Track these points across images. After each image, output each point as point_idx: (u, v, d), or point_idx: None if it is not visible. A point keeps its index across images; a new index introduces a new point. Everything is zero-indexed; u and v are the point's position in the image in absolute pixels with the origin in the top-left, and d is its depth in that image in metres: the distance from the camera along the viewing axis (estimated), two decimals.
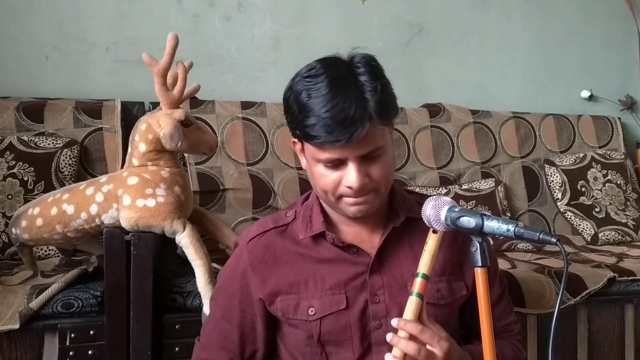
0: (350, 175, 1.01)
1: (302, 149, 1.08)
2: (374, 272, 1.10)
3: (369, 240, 1.13)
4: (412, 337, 0.97)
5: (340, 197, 1.05)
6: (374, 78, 1.01)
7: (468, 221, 0.95)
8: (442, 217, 0.99)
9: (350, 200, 1.05)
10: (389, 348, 1.08)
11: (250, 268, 1.13)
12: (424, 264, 1.01)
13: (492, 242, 2.27)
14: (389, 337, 0.98)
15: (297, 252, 1.13)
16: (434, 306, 1.11)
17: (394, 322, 0.98)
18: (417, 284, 1.00)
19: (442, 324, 1.08)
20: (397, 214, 1.14)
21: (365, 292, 1.10)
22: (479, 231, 0.95)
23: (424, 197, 1.19)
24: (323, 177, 1.04)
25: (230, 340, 1.16)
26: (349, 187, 1.03)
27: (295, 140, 1.09)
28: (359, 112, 0.97)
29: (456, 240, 1.15)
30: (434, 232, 1.02)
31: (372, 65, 1.04)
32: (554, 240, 0.89)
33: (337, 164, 1.02)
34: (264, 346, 1.17)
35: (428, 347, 0.97)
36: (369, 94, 0.99)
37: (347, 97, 0.97)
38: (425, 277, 1.00)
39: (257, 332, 1.16)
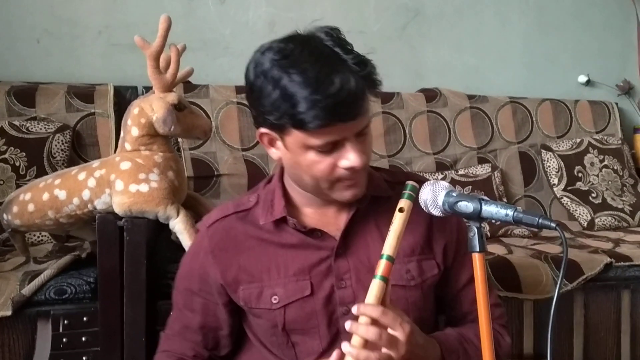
0: (351, 155, 0.96)
1: (281, 139, 0.99)
2: (340, 256, 1.06)
3: (335, 223, 1.08)
4: (373, 322, 0.90)
5: (335, 182, 1.00)
6: (351, 50, 0.96)
7: (466, 206, 0.94)
8: (440, 202, 0.97)
9: (347, 182, 1.00)
10: None
11: (211, 255, 1.09)
12: (389, 245, 0.94)
13: (488, 228, 2.30)
14: (348, 324, 0.90)
15: (258, 238, 1.08)
16: (403, 288, 1.06)
17: (354, 308, 0.91)
18: (382, 266, 0.93)
19: (413, 307, 1.05)
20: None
21: (331, 277, 1.05)
22: (477, 216, 0.93)
23: (393, 175, 1.17)
24: (316, 164, 0.97)
25: (192, 330, 1.13)
26: (349, 169, 0.98)
27: (267, 131, 1.00)
28: (358, 86, 0.93)
29: (424, 217, 1.08)
30: (400, 210, 0.97)
31: (341, 37, 0.98)
32: (553, 225, 0.87)
33: (331, 147, 0.96)
34: (229, 334, 1.14)
35: (390, 331, 0.91)
36: (359, 67, 0.94)
37: (341, 73, 0.92)
38: (390, 258, 0.93)
39: (221, 320, 1.12)
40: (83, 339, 1.51)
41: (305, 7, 2.72)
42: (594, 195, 2.66)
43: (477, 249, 0.93)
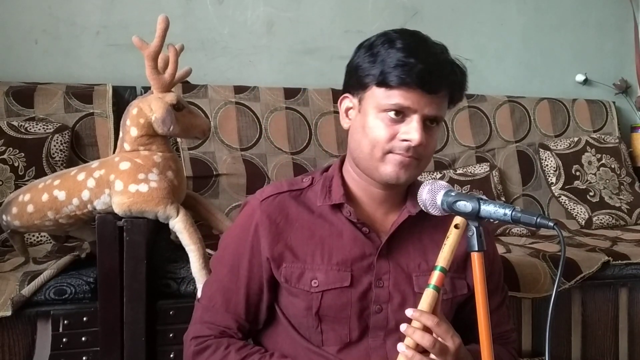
0: (413, 130, 1.02)
1: (359, 102, 1.08)
2: (382, 257, 1.10)
3: (382, 223, 1.13)
4: (426, 329, 0.95)
5: (388, 152, 1.05)
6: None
7: (464, 205, 0.94)
8: (439, 202, 0.98)
9: (398, 157, 1.05)
10: (386, 334, 1.07)
11: (262, 226, 1.11)
12: (444, 258, 0.98)
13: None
14: (404, 327, 0.95)
15: (309, 220, 1.11)
16: None
17: (409, 312, 0.96)
18: (435, 276, 0.97)
19: None
20: (414, 202, 1.11)
21: (371, 274, 1.09)
22: (476, 215, 0.94)
23: None
24: (378, 128, 1.04)
25: (235, 302, 1.13)
26: (407, 141, 1.03)
27: (348, 95, 1.11)
28: (448, 70, 1.05)
29: (464, 238, 1.14)
30: (456, 227, 1.00)
31: (444, 45, 1.10)
32: (551, 224, 0.88)
33: (400, 118, 1.03)
34: (266, 311, 1.15)
35: (440, 340, 0.96)
36: (455, 66, 1.08)
37: (439, 54, 1.05)
38: (443, 270, 0.98)
39: (264, 294, 1.13)
40: (83, 339, 1.51)
41: (304, 7, 2.72)
42: (591, 193, 2.67)
43: (476, 248, 0.94)
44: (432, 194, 0.98)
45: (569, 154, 2.75)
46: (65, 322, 1.50)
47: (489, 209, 0.93)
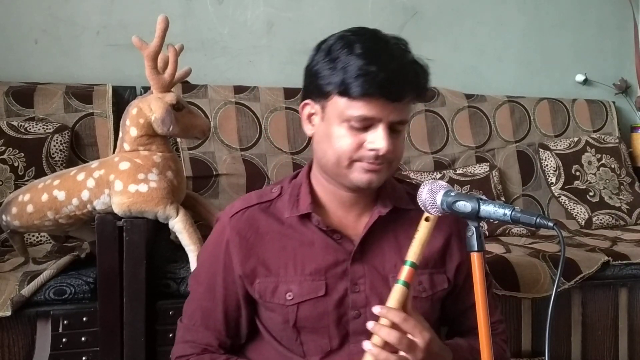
0: (380, 138, 1.00)
1: (321, 109, 1.04)
2: (356, 261, 1.08)
3: (354, 227, 1.11)
4: (394, 326, 0.94)
5: (355, 161, 1.02)
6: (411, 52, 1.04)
7: (464, 205, 0.94)
8: (438, 202, 0.97)
9: (367, 165, 1.02)
10: (368, 338, 1.06)
11: (232, 244, 1.10)
12: (414, 252, 0.97)
13: (486, 227, 2.31)
14: (370, 324, 0.94)
15: (279, 232, 1.10)
16: (414, 299, 1.06)
17: (376, 309, 0.94)
18: (405, 271, 0.96)
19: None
20: (384, 202, 1.11)
21: (346, 280, 1.07)
22: (475, 215, 0.93)
23: (414, 188, 1.17)
24: (343, 138, 1.01)
25: (214, 319, 1.12)
26: (374, 150, 1.00)
27: (310, 102, 1.06)
28: (411, 74, 1.00)
29: (444, 233, 1.13)
30: (426, 220, 0.99)
31: (405, 41, 1.05)
32: (550, 224, 0.88)
33: (365, 126, 1.00)
34: (247, 325, 1.14)
35: (409, 336, 0.94)
36: (418, 68, 1.02)
37: (400, 58, 0.99)
38: (413, 265, 0.96)
39: (242, 310, 1.12)
40: (83, 339, 1.51)
41: (303, 7, 2.72)
42: (591, 194, 2.67)
43: (476, 248, 0.94)
44: (431, 194, 0.98)
45: (568, 154, 2.75)
46: (65, 322, 1.50)
47: (489, 209, 0.92)
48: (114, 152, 1.68)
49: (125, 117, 1.59)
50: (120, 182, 1.50)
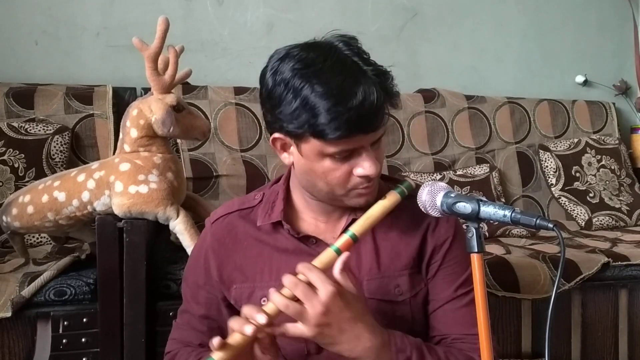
0: (367, 164, 0.97)
1: (296, 146, 0.99)
2: None
3: (332, 230, 1.09)
4: (308, 284, 0.90)
5: (350, 189, 1.01)
6: (370, 60, 0.97)
7: (464, 207, 0.94)
8: (438, 203, 0.97)
9: (362, 190, 1.01)
10: None
11: (211, 250, 1.11)
12: (359, 224, 0.96)
13: (486, 228, 2.31)
14: (286, 277, 0.91)
15: (256, 238, 1.09)
16: (390, 303, 1.05)
17: (299, 266, 0.91)
18: (342, 239, 0.95)
19: (401, 321, 1.03)
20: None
21: None
22: (475, 217, 0.93)
23: (388, 178, 1.16)
24: (332, 171, 0.98)
25: (197, 320, 1.14)
26: (364, 177, 0.98)
27: (281, 136, 1.00)
28: (379, 98, 0.93)
29: (421, 231, 1.09)
30: (383, 197, 0.97)
31: (359, 47, 0.98)
32: (550, 225, 0.88)
33: (347, 155, 0.97)
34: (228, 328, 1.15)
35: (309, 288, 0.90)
36: (380, 78, 0.95)
37: (363, 85, 0.92)
38: (353, 237, 0.95)
39: (223, 314, 1.12)
40: (83, 340, 1.51)
41: (303, 8, 2.73)
42: (591, 195, 2.67)
43: (476, 250, 0.94)
44: (431, 195, 0.98)
45: (568, 155, 2.76)
46: (65, 323, 1.51)
47: (489, 210, 0.92)
48: (114, 153, 1.68)
49: (126, 118, 1.60)
50: (120, 183, 1.51)
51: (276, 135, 1.01)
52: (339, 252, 0.94)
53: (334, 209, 1.08)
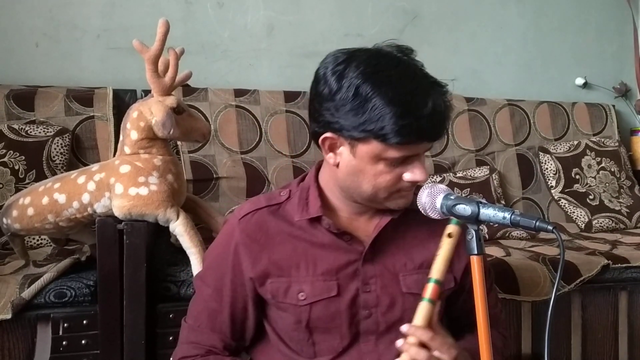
0: (419, 171, 1.01)
1: (350, 146, 1.01)
2: (367, 261, 1.09)
3: (364, 228, 1.12)
4: (421, 344, 0.96)
5: (394, 192, 1.04)
6: (426, 72, 1.02)
7: (464, 209, 0.94)
8: (438, 205, 0.98)
9: (404, 193, 1.05)
10: (377, 337, 1.07)
11: (242, 246, 1.10)
12: (437, 270, 0.98)
13: (486, 230, 2.31)
14: (399, 342, 0.96)
15: (290, 234, 1.10)
16: (419, 296, 1.08)
17: (404, 328, 0.96)
18: (429, 289, 0.97)
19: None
20: None
21: (357, 280, 1.08)
22: (475, 219, 0.94)
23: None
24: (382, 174, 1.01)
25: (220, 321, 1.13)
26: (414, 182, 1.02)
27: (333, 136, 1.02)
28: (446, 110, 0.99)
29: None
30: (449, 236, 0.99)
31: (417, 58, 1.04)
32: (550, 228, 0.88)
33: (402, 161, 1.00)
34: (253, 327, 1.15)
35: (436, 353, 0.96)
36: (441, 89, 1.01)
37: (434, 95, 0.97)
38: (438, 282, 0.98)
39: (249, 312, 1.13)
40: (83, 342, 1.51)
41: (303, 11, 2.73)
42: (591, 197, 2.67)
43: (476, 252, 0.94)
44: (431, 197, 0.99)
45: (568, 157, 2.76)
46: (65, 325, 1.50)
47: (489, 212, 0.93)
48: (114, 155, 1.68)
49: (126, 120, 1.60)
50: (120, 185, 1.51)
51: (328, 134, 1.03)
52: (432, 302, 0.98)
53: (367, 209, 1.11)
